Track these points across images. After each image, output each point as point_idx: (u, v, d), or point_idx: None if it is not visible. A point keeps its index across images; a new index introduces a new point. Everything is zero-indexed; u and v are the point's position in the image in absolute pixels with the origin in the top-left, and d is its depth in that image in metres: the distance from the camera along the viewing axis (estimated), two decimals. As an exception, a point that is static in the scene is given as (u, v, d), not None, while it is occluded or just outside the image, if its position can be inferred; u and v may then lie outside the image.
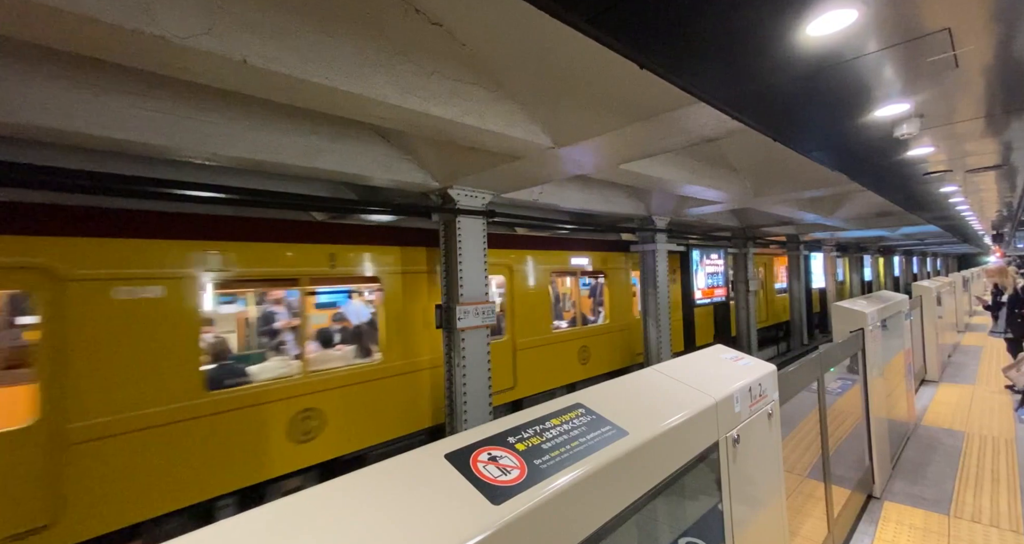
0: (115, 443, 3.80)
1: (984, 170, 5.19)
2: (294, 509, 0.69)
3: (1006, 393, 5.94)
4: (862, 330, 3.52)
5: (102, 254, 3.91)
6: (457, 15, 3.13)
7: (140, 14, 2.02)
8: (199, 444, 4.21)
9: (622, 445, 1.03)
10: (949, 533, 3.07)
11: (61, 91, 2.99)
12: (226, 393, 4.43)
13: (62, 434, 3.57)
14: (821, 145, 3.66)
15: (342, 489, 0.73)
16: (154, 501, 3.96)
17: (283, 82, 2.58)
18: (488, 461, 0.86)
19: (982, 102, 2.90)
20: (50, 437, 3.53)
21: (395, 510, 0.71)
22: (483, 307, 5.48)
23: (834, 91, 2.33)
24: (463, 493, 0.76)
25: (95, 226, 3.92)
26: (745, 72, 2.17)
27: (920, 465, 4.07)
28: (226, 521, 0.66)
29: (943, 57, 1.86)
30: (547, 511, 0.81)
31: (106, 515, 3.74)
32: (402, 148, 4.93)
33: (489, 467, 0.84)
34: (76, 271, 3.77)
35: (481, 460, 0.86)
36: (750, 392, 1.58)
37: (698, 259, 10.83)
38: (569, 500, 0.86)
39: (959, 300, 10.82)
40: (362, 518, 0.68)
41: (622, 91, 3.28)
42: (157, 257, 4.16)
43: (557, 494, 0.83)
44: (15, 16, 1.90)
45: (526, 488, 0.81)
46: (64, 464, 3.56)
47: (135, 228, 4.11)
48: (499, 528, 0.72)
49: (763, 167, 6.96)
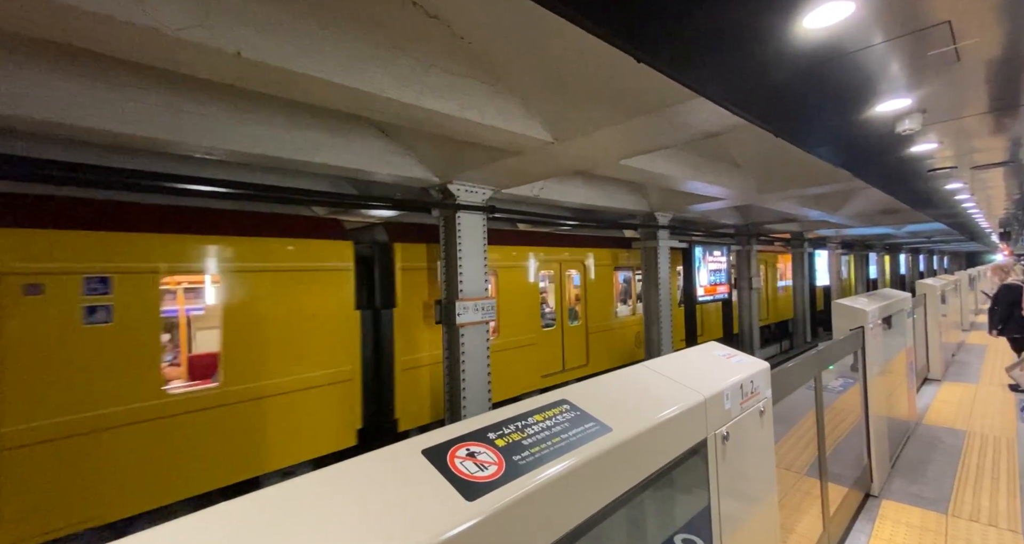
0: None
1: (991, 167, 5.12)
2: (264, 503, 0.68)
3: (1009, 392, 5.90)
4: (862, 328, 3.49)
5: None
6: (455, 7, 3.10)
7: (132, 5, 2.01)
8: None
9: (605, 441, 1.02)
10: (946, 532, 3.05)
11: (59, 82, 2.99)
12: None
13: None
14: (823, 141, 3.61)
15: (313, 484, 0.73)
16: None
17: (278, 75, 2.57)
18: (466, 457, 0.85)
19: (989, 97, 2.85)
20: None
21: (365, 505, 0.70)
22: (483, 303, 5.48)
23: (834, 86, 2.30)
24: (436, 488, 0.76)
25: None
26: (743, 66, 2.14)
27: (920, 464, 4.05)
28: (196, 514, 0.66)
29: (944, 51, 1.82)
30: (523, 507, 0.80)
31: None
32: (402, 143, 4.91)
33: (466, 463, 0.84)
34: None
35: (459, 456, 0.85)
36: (741, 389, 1.57)
37: (701, 256, 10.78)
38: (547, 496, 0.85)
39: (964, 298, 10.73)
40: (329, 513, 0.68)
41: (622, 86, 3.24)
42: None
43: (534, 490, 0.83)
44: (5, 5, 1.90)
45: (503, 484, 0.81)
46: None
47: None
48: (471, 525, 0.71)
49: (767, 163, 6.89)
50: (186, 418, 4.29)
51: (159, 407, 4.17)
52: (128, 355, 4.05)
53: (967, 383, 6.47)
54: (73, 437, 3.76)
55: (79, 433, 3.78)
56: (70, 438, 3.75)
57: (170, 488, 4.21)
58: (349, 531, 0.65)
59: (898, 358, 4.55)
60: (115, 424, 3.95)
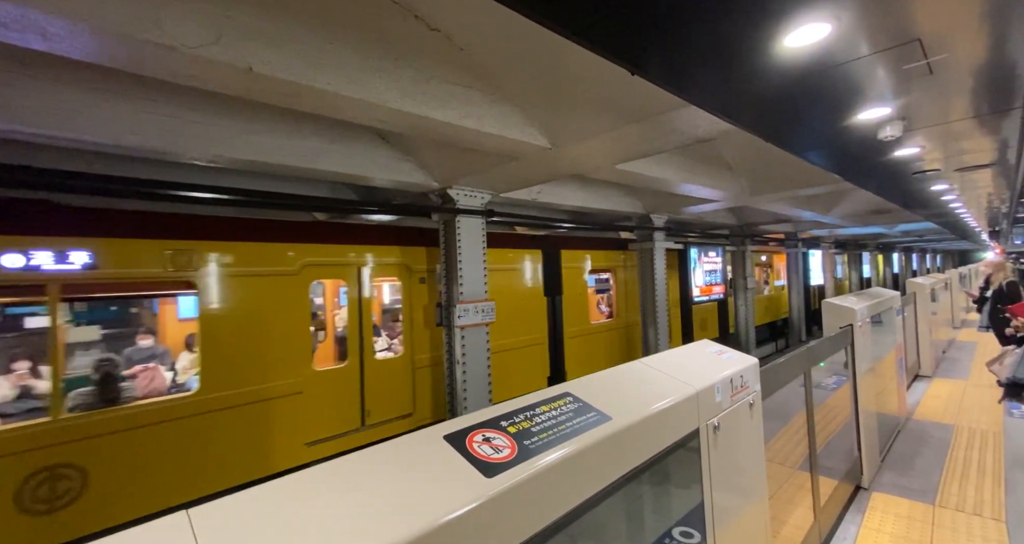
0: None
1: (975, 169, 5.28)
2: (313, 479, 0.79)
3: (997, 387, 6.03)
4: (851, 326, 3.62)
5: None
6: (455, 21, 3.21)
7: (151, 26, 2.12)
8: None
9: (606, 429, 1.13)
10: (933, 521, 3.17)
11: (71, 96, 3.09)
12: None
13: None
14: (811, 146, 3.75)
15: (355, 463, 0.83)
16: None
17: (287, 88, 2.68)
18: (483, 442, 0.96)
19: (969, 104, 2.99)
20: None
21: (399, 482, 0.81)
22: (483, 305, 5.58)
23: (819, 97, 2.42)
24: (460, 468, 0.87)
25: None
26: (732, 78, 2.27)
27: (909, 457, 4.18)
28: (253, 489, 0.76)
29: (917, 65, 1.95)
30: (535, 485, 0.91)
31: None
32: (402, 149, 5.02)
33: (483, 446, 0.94)
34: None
35: (476, 440, 0.96)
36: (731, 383, 1.68)
37: (696, 257, 10.92)
38: (555, 476, 0.96)
39: (954, 297, 10.91)
40: (372, 487, 0.78)
41: (617, 93, 3.36)
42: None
43: (544, 470, 0.93)
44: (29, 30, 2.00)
45: (516, 464, 0.91)
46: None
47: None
48: (492, 497, 0.82)
49: (759, 166, 7.04)
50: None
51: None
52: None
53: (957, 379, 6.62)
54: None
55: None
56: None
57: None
58: (391, 501, 0.75)
59: (888, 355, 4.68)
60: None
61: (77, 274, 3.82)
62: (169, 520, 0.68)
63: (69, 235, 3.80)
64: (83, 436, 3.72)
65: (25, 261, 3.58)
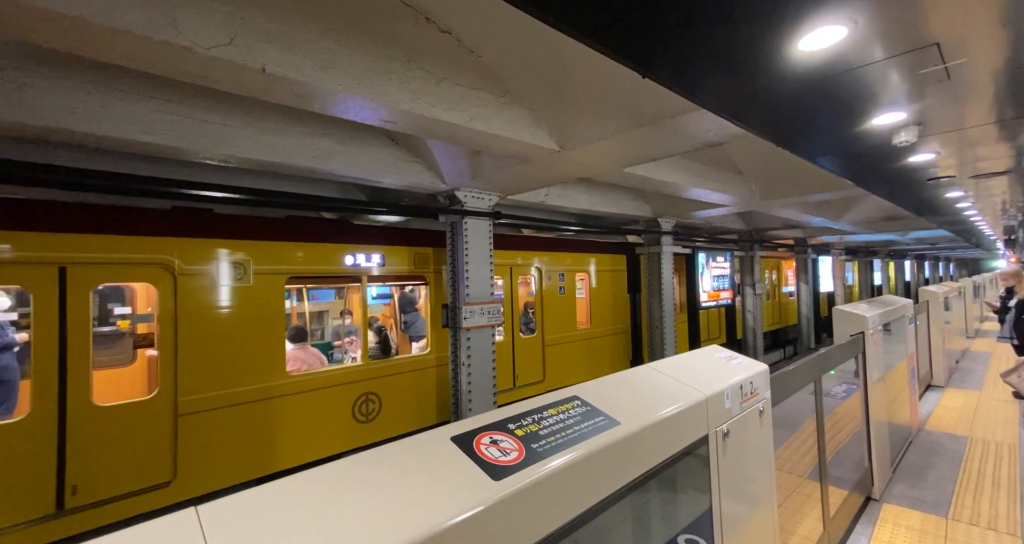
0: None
1: (991, 176, 5.19)
2: (324, 478, 0.78)
3: (1013, 400, 5.92)
4: (862, 334, 3.57)
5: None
6: (466, 24, 3.23)
7: (167, 26, 2.14)
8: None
9: (614, 434, 1.12)
10: (946, 535, 3.11)
11: (86, 95, 3.14)
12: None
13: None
14: (823, 151, 3.71)
15: (363, 463, 0.83)
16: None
17: (299, 89, 2.70)
18: (490, 444, 0.95)
19: (988, 109, 2.94)
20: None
21: (410, 481, 0.80)
22: (489, 307, 5.58)
23: (833, 101, 2.40)
24: (467, 470, 0.86)
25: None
26: (745, 81, 2.25)
27: (921, 469, 4.10)
28: (264, 486, 0.76)
29: (934, 70, 1.92)
30: (542, 488, 0.90)
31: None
32: (411, 150, 5.04)
33: (491, 449, 0.93)
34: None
35: (484, 443, 0.95)
36: (741, 389, 1.66)
37: (704, 262, 10.84)
38: (562, 480, 0.94)
39: (968, 306, 10.73)
40: (382, 486, 0.78)
41: (626, 97, 3.35)
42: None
43: (551, 474, 0.92)
44: (51, 30, 2.03)
45: (524, 467, 0.90)
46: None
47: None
48: (499, 500, 0.81)
49: (769, 170, 6.98)
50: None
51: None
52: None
53: (970, 390, 6.49)
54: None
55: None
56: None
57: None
58: (399, 502, 0.75)
59: (900, 364, 4.60)
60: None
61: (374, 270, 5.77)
62: (178, 517, 0.68)
63: (375, 244, 5.75)
64: (378, 375, 5.66)
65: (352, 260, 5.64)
